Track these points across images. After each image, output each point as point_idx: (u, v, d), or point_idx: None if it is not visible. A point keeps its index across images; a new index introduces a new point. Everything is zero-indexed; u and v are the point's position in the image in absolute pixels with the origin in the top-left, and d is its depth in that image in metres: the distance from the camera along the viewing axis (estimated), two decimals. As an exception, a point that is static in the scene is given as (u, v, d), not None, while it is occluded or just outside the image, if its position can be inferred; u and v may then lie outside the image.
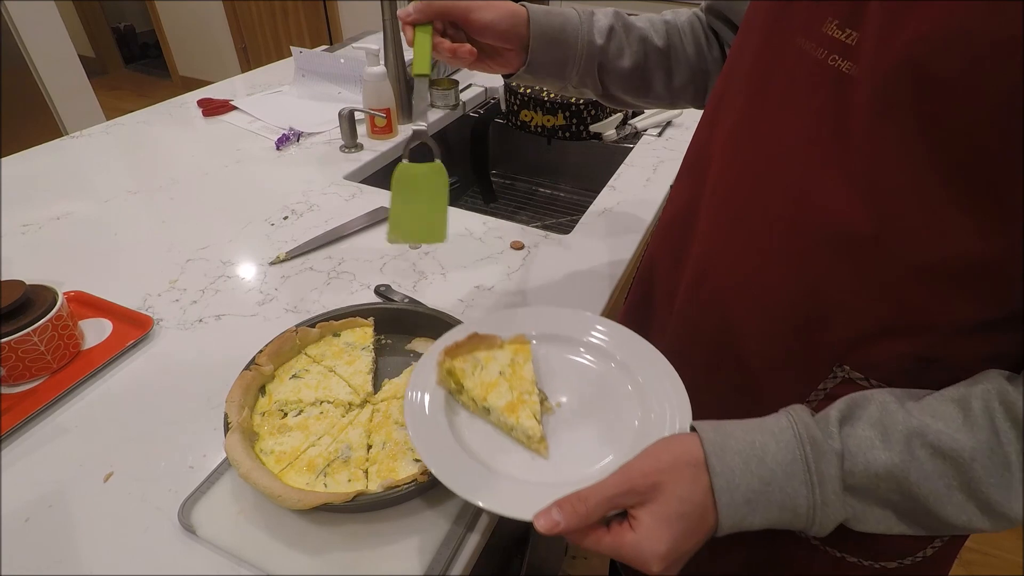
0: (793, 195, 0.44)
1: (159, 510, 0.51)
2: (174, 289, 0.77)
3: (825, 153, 0.41)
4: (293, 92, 1.35)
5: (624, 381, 0.54)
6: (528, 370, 0.54)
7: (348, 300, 0.75)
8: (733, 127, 0.50)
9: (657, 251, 0.65)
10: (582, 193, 1.38)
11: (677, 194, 0.62)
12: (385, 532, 0.49)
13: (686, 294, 0.57)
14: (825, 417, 0.41)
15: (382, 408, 0.57)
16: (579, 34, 0.62)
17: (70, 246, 0.85)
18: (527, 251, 0.85)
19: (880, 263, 0.41)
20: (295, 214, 0.93)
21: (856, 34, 0.38)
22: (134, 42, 4.39)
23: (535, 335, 0.59)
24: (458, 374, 0.53)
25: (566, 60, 0.63)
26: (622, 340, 0.58)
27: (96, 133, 1.17)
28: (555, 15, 0.62)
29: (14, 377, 0.61)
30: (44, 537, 0.50)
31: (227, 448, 0.50)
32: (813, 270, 0.44)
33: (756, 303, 0.50)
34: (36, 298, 0.63)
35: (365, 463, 0.52)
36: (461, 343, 0.55)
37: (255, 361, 0.58)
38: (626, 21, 0.66)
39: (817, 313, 0.45)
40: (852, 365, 0.45)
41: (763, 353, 0.51)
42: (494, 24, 0.58)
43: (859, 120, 0.38)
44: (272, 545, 0.48)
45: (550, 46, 0.62)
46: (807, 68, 0.42)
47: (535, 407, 0.50)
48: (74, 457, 0.56)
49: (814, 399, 0.48)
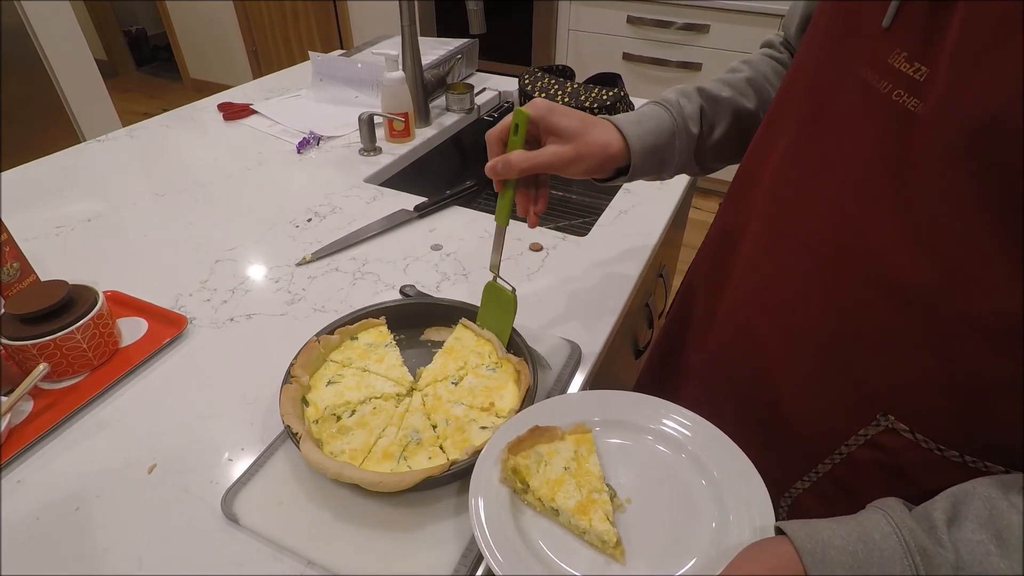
0: (842, 231, 0.43)
1: (202, 500, 0.54)
2: (205, 289, 0.79)
3: (881, 191, 0.40)
4: (311, 96, 1.38)
5: (696, 474, 0.51)
6: (594, 463, 0.51)
7: (373, 299, 0.77)
8: (784, 153, 0.49)
9: (698, 271, 0.65)
10: (594, 196, 1.40)
11: (723, 214, 0.61)
12: (423, 517, 0.52)
13: (723, 318, 0.57)
14: (928, 517, 0.38)
15: (430, 392, 0.60)
16: (675, 137, 0.60)
17: (102, 247, 0.88)
18: (546, 252, 0.87)
19: (931, 313, 0.39)
20: (318, 216, 0.95)
21: (926, 70, 0.36)
22: (146, 45, 4.43)
23: (596, 421, 0.55)
24: (523, 472, 0.50)
25: (664, 163, 0.61)
26: (688, 426, 0.54)
27: (120, 137, 1.19)
28: (650, 126, 0.59)
29: (58, 373, 0.64)
30: (94, 525, 0.52)
31: (306, 457, 0.51)
32: (858, 310, 0.43)
33: (794, 336, 0.49)
34: (78, 297, 0.65)
35: (437, 440, 0.55)
36: (523, 438, 0.51)
37: (292, 374, 0.60)
38: (711, 96, 0.62)
39: (859, 355, 0.44)
40: (897, 415, 0.44)
41: (798, 388, 0.50)
42: (588, 174, 0.58)
43: (923, 162, 0.37)
44: (313, 532, 0.50)
45: (649, 158, 0.59)
46: (867, 100, 0.40)
47: (607, 507, 0.47)
48: (117, 450, 0.59)
49: (853, 443, 0.47)
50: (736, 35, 2.34)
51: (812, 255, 0.46)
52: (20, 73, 2.13)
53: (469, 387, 0.60)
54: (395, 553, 0.49)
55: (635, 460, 0.53)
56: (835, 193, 0.43)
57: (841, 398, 0.47)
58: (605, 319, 0.74)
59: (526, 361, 0.61)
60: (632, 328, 1.05)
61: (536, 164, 0.55)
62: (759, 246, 0.53)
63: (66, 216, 0.94)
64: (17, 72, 2.12)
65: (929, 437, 0.43)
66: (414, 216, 0.94)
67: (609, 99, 1.21)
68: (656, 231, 0.92)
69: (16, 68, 2.11)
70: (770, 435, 0.54)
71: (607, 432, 0.55)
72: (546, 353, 0.67)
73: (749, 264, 0.54)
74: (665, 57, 2.50)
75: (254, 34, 3.63)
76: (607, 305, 0.77)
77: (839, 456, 0.49)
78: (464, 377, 0.61)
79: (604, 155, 0.56)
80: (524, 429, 0.52)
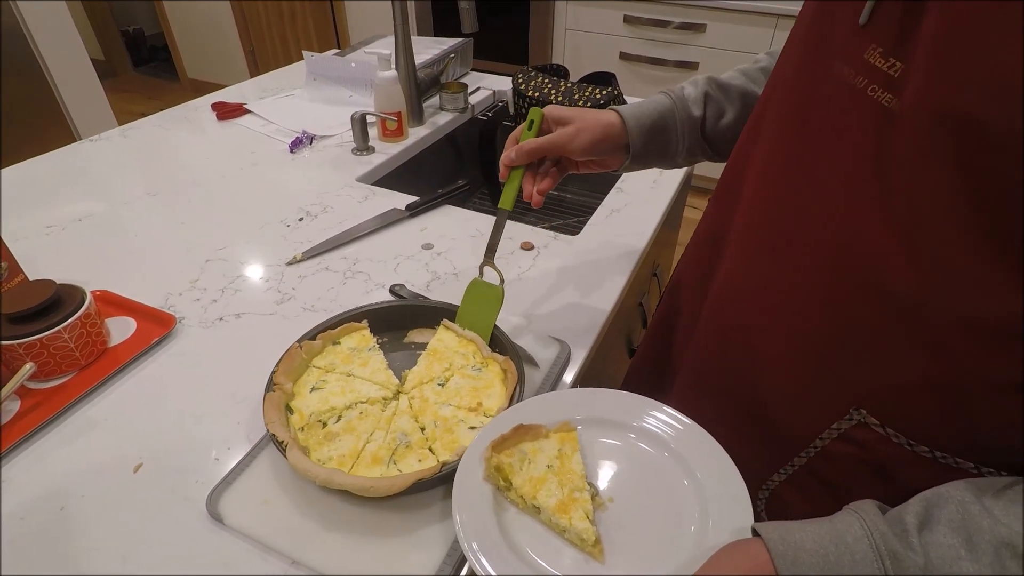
0: (827, 231, 0.43)
1: (188, 500, 0.54)
2: (195, 288, 0.79)
3: (863, 192, 0.39)
4: (305, 96, 1.38)
5: (679, 474, 0.51)
6: (577, 462, 0.51)
7: (364, 299, 0.77)
8: (768, 151, 0.49)
9: (685, 270, 0.66)
10: (588, 194, 1.40)
11: (710, 213, 0.61)
12: (411, 520, 0.51)
13: (708, 316, 0.57)
14: (900, 520, 0.38)
15: (416, 395, 0.60)
16: (675, 116, 0.63)
17: (92, 246, 0.87)
18: (537, 251, 0.87)
19: (918, 314, 0.39)
20: (310, 216, 0.95)
21: (901, 65, 0.35)
22: (143, 45, 4.43)
23: (580, 419, 0.55)
24: (506, 470, 0.50)
25: (668, 143, 0.64)
26: (671, 424, 0.54)
27: (113, 136, 1.19)
28: (648, 107, 0.63)
29: (45, 373, 0.64)
30: (79, 525, 0.52)
31: (294, 465, 0.50)
32: (844, 311, 0.43)
33: (779, 335, 0.49)
34: (66, 297, 0.65)
35: (426, 443, 0.55)
36: (507, 436, 0.51)
37: (275, 382, 0.59)
38: (720, 82, 0.65)
39: (844, 355, 0.44)
40: (869, 410, 0.44)
41: (781, 386, 0.50)
42: (590, 148, 0.61)
43: (902, 161, 0.36)
44: (298, 532, 0.50)
45: (650, 140, 0.63)
46: (845, 96, 0.40)
47: (587, 506, 0.47)
48: (104, 449, 0.58)
49: (827, 436, 0.48)
50: (733, 34, 2.34)
51: (798, 261, 0.46)
52: (16, 74, 2.13)
53: (456, 388, 0.60)
54: (381, 552, 0.49)
55: (619, 459, 0.53)
56: (819, 199, 0.43)
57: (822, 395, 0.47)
58: (595, 318, 0.74)
59: (512, 360, 0.60)
60: (626, 327, 1.05)
61: (542, 144, 0.60)
62: (744, 246, 0.53)
63: (57, 216, 0.94)
64: (13, 73, 2.12)
65: (901, 432, 0.43)
66: (406, 215, 0.94)
67: (603, 98, 1.21)
68: (648, 231, 0.92)
69: (12, 69, 2.11)
70: (752, 429, 0.54)
71: (592, 430, 0.55)
72: (535, 352, 0.66)
73: (734, 263, 0.54)
74: (662, 56, 2.50)
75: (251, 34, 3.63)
76: (598, 304, 0.77)
77: (814, 449, 0.50)
78: (450, 378, 0.61)
79: (602, 129, 0.61)
80: (509, 427, 0.52)
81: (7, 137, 2.08)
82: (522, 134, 0.62)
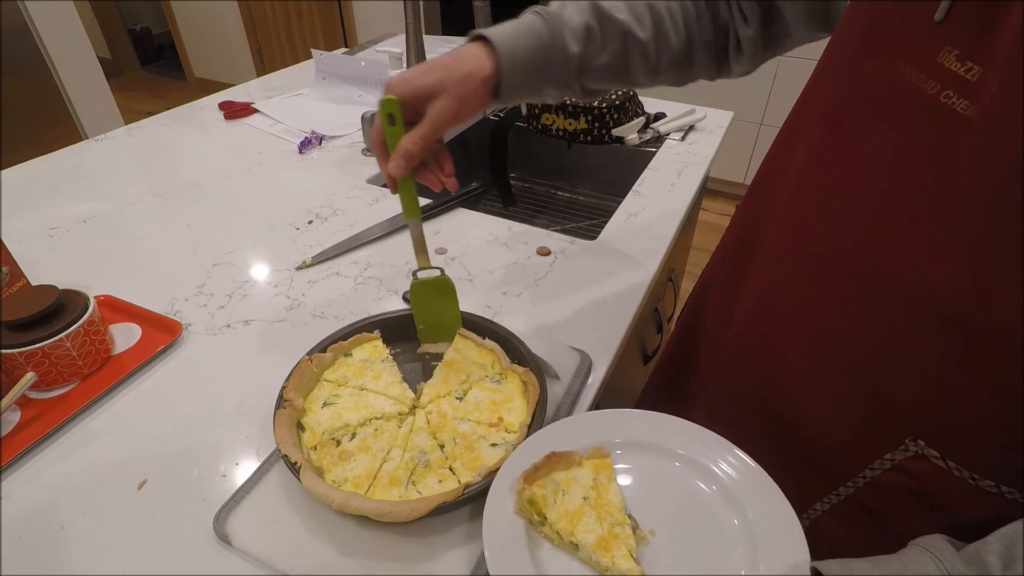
0: (877, 239, 0.40)
1: (193, 518, 0.51)
2: (201, 294, 0.77)
3: (923, 199, 0.37)
4: (313, 95, 1.35)
5: (726, 508, 0.47)
6: (614, 492, 0.48)
7: (375, 306, 0.74)
8: (810, 151, 0.46)
9: (713, 273, 0.63)
10: (601, 197, 1.37)
11: (743, 213, 0.58)
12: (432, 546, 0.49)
13: (740, 325, 0.54)
14: (981, 561, 0.35)
15: (433, 409, 0.57)
16: (552, 54, 0.55)
17: (97, 249, 0.85)
18: (554, 257, 0.84)
19: (981, 336, 0.36)
20: (319, 218, 0.92)
21: (979, 69, 0.33)
22: (150, 44, 4.43)
23: (617, 443, 0.52)
24: (539, 503, 0.47)
25: (540, 83, 0.57)
26: (718, 453, 0.49)
27: (119, 136, 1.17)
28: (523, 43, 0.54)
29: (46, 382, 0.61)
30: (79, 545, 0.49)
31: (308, 489, 0.48)
32: (894, 328, 0.40)
33: (819, 349, 0.46)
34: (68, 303, 0.63)
35: (446, 462, 0.52)
36: (539, 465, 0.48)
37: (284, 398, 0.56)
38: (603, 13, 0.56)
39: (894, 376, 0.41)
40: (929, 441, 0.41)
41: (819, 402, 0.47)
42: (476, 110, 0.54)
43: (972, 168, 0.34)
44: (311, 555, 0.48)
45: (523, 83, 0.55)
46: (911, 102, 0.37)
47: (629, 542, 0.44)
48: (107, 464, 0.56)
49: (878, 467, 0.45)
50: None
51: (843, 270, 0.43)
52: (23, 72, 2.12)
53: (475, 402, 0.57)
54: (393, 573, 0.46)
55: (658, 487, 0.49)
56: (869, 204, 0.41)
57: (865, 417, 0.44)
58: (616, 327, 0.71)
59: (532, 371, 0.58)
60: (641, 333, 1.02)
61: (427, 135, 0.51)
62: (779, 251, 0.50)
63: (60, 217, 0.91)
64: (20, 71, 2.11)
65: (963, 465, 0.40)
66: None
67: (618, 98, 1.18)
68: (668, 234, 0.89)
69: (19, 67, 2.10)
70: (787, 451, 0.51)
71: (627, 455, 0.51)
72: (554, 362, 0.64)
73: (769, 270, 0.52)
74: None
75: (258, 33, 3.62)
76: (617, 312, 0.74)
77: (863, 479, 0.47)
78: (468, 391, 0.58)
79: (482, 83, 0.52)
80: (539, 454, 0.49)
81: (13, 137, 2.07)
82: (386, 132, 0.53)
